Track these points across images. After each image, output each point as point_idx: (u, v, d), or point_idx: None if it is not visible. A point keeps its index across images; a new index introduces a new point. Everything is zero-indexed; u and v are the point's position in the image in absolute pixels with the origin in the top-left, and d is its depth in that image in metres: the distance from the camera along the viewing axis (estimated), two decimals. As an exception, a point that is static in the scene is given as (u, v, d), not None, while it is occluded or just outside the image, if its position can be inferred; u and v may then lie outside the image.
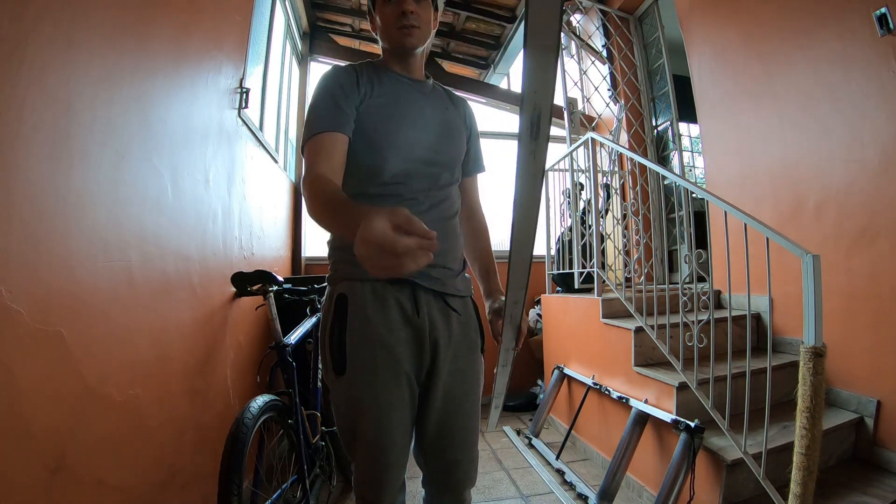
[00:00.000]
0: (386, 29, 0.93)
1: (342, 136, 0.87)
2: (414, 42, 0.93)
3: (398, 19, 0.90)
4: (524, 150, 0.52)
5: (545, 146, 0.52)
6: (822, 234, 1.97)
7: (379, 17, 0.94)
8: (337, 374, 0.86)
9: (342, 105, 0.87)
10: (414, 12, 0.90)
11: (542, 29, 0.43)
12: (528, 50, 0.45)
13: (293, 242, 3.20)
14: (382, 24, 0.93)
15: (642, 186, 2.63)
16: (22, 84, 0.75)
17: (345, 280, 0.89)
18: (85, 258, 0.91)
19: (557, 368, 2.69)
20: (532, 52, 0.45)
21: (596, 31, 3.66)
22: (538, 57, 0.45)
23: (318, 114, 0.87)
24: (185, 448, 1.34)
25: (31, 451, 0.75)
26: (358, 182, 0.90)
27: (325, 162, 0.83)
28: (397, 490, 0.92)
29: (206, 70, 1.53)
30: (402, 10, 0.90)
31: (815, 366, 1.15)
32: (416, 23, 0.91)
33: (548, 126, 0.50)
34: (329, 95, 0.88)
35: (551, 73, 0.47)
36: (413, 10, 0.90)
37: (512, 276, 0.69)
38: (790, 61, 2.15)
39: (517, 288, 0.72)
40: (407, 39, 0.92)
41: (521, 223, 0.61)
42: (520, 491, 1.99)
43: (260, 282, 1.56)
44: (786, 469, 1.21)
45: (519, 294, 0.74)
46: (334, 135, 0.86)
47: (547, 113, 0.49)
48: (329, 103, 0.87)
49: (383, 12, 0.92)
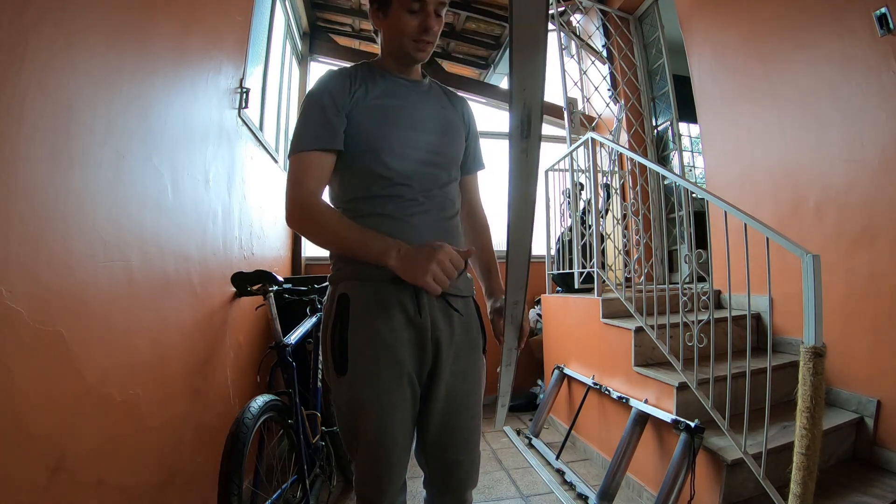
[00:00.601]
0: (401, 37, 0.90)
1: (330, 156, 0.88)
2: (425, 56, 0.93)
3: (419, 33, 0.89)
4: (516, 149, 0.51)
5: (537, 144, 0.51)
6: (822, 234, 1.97)
7: (397, 22, 0.89)
8: (339, 373, 0.86)
9: (332, 119, 0.87)
10: (437, 30, 0.90)
11: (528, 23, 0.42)
12: (515, 45, 0.44)
13: (293, 242, 3.20)
14: (398, 30, 0.90)
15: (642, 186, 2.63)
16: (22, 84, 0.75)
17: (347, 280, 0.89)
18: (85, 258, 0.91)
19: (557, 368, 2.69)
20: (519, 47, 0.44)
21: (596, 31, 3.66)
22: (525, 51, 0.44)
23: (307, 129, 0.88)
24: (185, 448, 1.34)
25: (30, 451, 0.75)
26: (359, 183, 0.90)
27: (313, 180, 0.86)
28: (398, 490, 0.92)
29: (206, 70, 1.53)
30: (427, 26, 0.88)
31: (815, 366, 1.15)
32: (434, 40, 0.91)
33: (539, 124, 0.49)
34: (319, 108, 0.88)
35: (540, 68, 0.45)
36: (437, 28, 0.90)
37: (510, 275, 0.69)
38: (790, 61, 2.15)
39: (517, 288, 0.72)
40: (420, 54, 0.92)
41: (518, 223, 0.61)
42: (520, 491, 1.99)
43: (260, 282, 1.56)
44: (786, 469, 1.21)
45: (519, 294, 0.74)
46: (322, 155, 0.87)
47: (538, 110, 0.48)
48: (319, 119, 0.87)
49: (404, 20, 0.88)
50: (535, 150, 0.52)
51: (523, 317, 0.85)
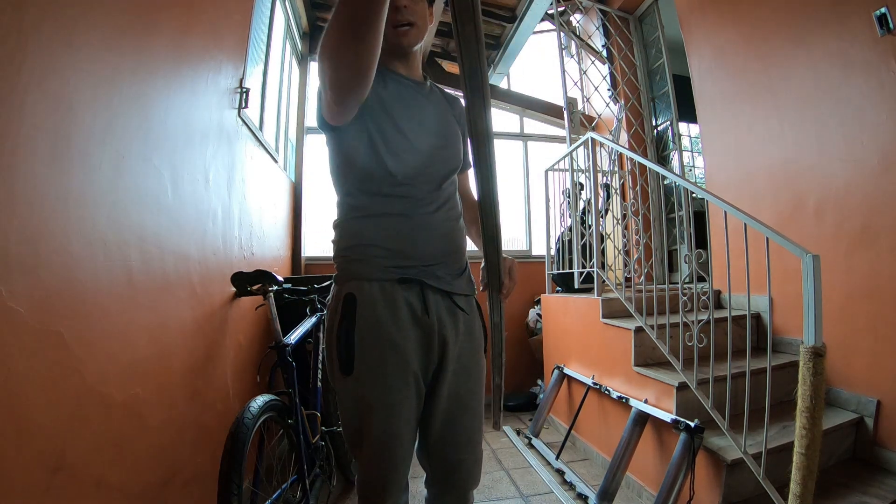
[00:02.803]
0: (384, 29, 0.92)
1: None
2: (410, 41, 0.92)
3: (392, 16, 0.89)
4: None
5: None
6: (822, 234, 1.97)
7: None
8: (344, 373, 0.86)
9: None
10: (407, 7, 0.89)
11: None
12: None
13: (293, 242, 3.20)
14: None
15: (642, 186, 2.63)
16: (22, 84, 0.75)
17: (353, 279, 0.89)
18: (85, 258, 0.91)
19: (557, 368, 2.69)
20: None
21: (596, 31, 3.66)
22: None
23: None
24: (185, 448, 1.34)
25: (31, 451, 0.75)
26: (366, 185, 0.90)
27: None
28: (401, 490, 0.92)
29: (206, 70, 1.53)
30: (395, 5, 0.88)
31: (815, 366, 1.15)
32: (410, 18, 0.90)
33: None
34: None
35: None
36: (406, 5, 0.89)
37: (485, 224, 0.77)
38: (790, 61, 2.15)
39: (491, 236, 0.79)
40: (403, 39, 0.91)
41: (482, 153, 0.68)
42: (520, 491, 1.99)
43: (260, 282, 1.56)
44: (786, 469, 1.21)
45: (494, 243, 0.80)
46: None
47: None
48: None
49: None
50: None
51: (502, 262, 0.89)
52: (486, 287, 0.93)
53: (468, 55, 0.57)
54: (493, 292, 0.92)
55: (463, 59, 0.57)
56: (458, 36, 0.55)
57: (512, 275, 0.95)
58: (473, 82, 0.60)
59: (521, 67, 4.22)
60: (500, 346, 0.96)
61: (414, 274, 0.89)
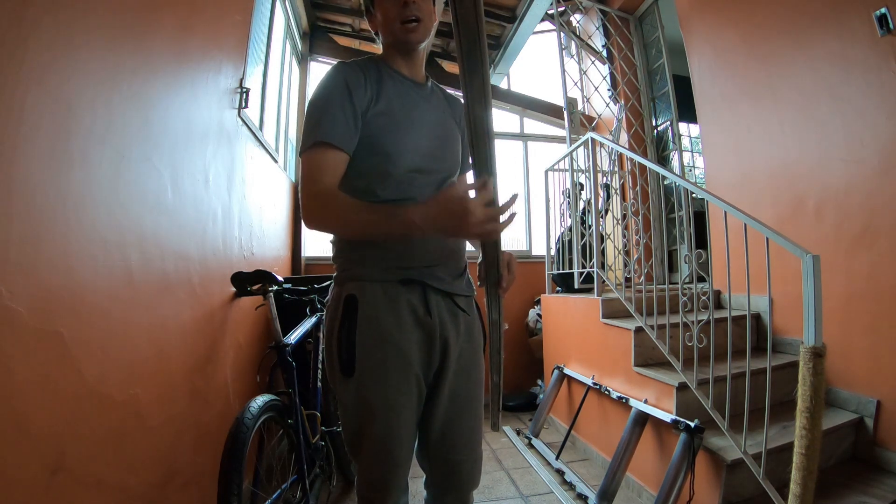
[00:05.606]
0: (388, 24, 0.92)
1: (345, 157, 0.86)
2: (418, 37, 0.92)
3: (400, 12, 0.89)
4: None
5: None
6: (822, 234, 1.97)
7: (380, 12, 0.93)
8: (345, 375, 0.86)
9: (350, 122, 0.85)
10: (416, 2, 0.90)
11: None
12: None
13: (293, 242, 3.20)
14: (384, 18, 0.92)
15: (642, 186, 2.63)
16: (22, 84, 0.75)
17: (354, 280, 0.89)
18: (85, 258, 0.91)
19: (557, 368, 2.69)
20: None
21: (596, 31, 3.66)
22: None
23: (329, 118, 0.84)
24: (185, 448, 1.34)
25: (30, 451, 0.75)
26: (367, 185, 0.90)
27: (330, 177, 0.83)
28: (401, 491, 0.92)
29: (206, 70, 1.52)
30: (406, 1, 0.89)
31: (815, 366, 1.15)
32: (418, 14, 0.90)
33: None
34: (340, 105, 0.85)
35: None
36: (415, 1, 0.90)
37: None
38: (790, 61, 2.15)
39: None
40: (411, 35, 0.91)
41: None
42: (520, 491, 1.99)
43: (260, 282, 1.56)
44: (786, 469, 1.21)
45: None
46: (340, 154, 0.84)
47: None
48: (341, 117, 0.84)
49: (384, 6, 0.91)
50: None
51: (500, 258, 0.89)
52: (484, 283, 0.92)
53: (469, 55, 0.57)
54: (492, 287, 0.92)
55: (464, 59, 0.57)
56: (459, 36, 0.55)
57: (511, 268, 0.95)
58: (474, 82, 0.60)
59: (521, 67, 4.22)
60: (499, 343, 0.96)
61: (415, 275, 0.89)
